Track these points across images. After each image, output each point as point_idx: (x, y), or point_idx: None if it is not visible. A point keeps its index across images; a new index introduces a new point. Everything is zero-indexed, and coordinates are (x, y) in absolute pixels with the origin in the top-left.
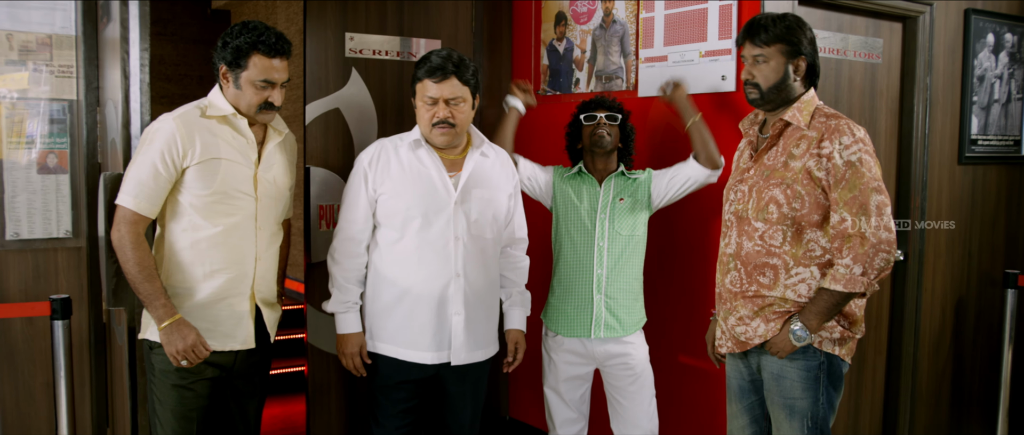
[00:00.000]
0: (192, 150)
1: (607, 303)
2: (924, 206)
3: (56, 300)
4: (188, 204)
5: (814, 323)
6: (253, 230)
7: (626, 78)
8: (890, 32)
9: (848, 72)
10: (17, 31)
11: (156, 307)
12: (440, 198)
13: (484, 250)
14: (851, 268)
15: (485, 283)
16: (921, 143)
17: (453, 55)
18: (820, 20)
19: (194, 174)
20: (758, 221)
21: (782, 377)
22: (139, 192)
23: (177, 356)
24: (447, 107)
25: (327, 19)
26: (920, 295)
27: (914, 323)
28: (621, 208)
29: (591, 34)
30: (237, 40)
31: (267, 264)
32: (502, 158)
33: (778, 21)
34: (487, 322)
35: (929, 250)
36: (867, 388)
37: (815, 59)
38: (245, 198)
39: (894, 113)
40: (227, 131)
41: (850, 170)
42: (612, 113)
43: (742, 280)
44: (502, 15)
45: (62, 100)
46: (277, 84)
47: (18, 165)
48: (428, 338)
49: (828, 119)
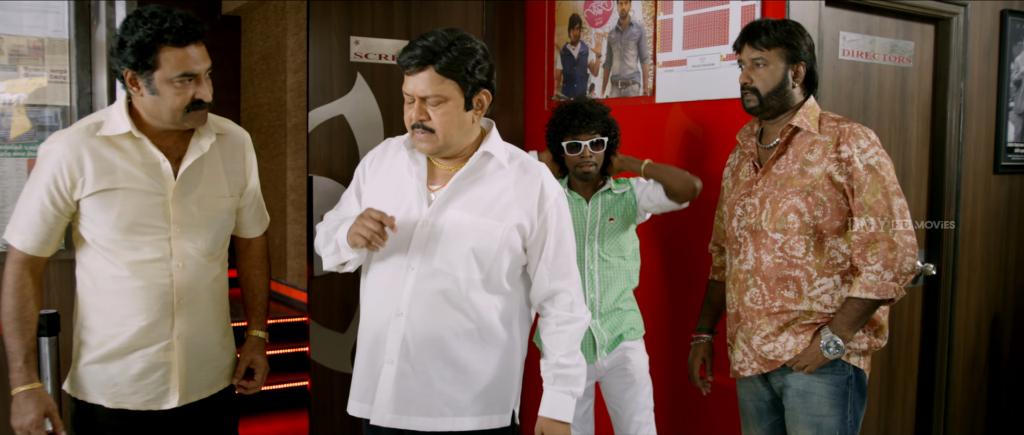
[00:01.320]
0: (82, 179)
1: (605, 324)
2: (958, 217)
3: (43, 315)
4: (90, 239)
5: (846, 333)
6: (167, 268)
7: (643, 83)
8: (922, 34)
9: (878, 77)
10: (7, 34)
11: (13, 368)
12: (406, 211)
13: (449, 292)
14: (882, 275)
15: (448, 334)
16: (955, 151)
17: (437, 38)
18: (847, 22)
19: (89, 206)
20: (776, 233)
21: (809, 393)
22: (27, 228)
23: (20, 430)
24: (423, 107)
25: (331, 22)
26: (953, 310)
27: (947, 340)
28: (611, 229)
29: (607, 37)
30: (135, 35)
31: (195, 307)
32: (526, 177)
33: (779, 25)
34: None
35: (963, 263)
36: (898, 408)
37: (814, 66)
38: (154, 232)
39: (926, 120)
40: (129, 152)
41: (871, 174)
42: (598, 139)
43: (764, 296)
44: (514, 18)
45: (54, 106)
46: (201, 75)
47: (8, 173)
48: (358, 383)
49: (838, 123)
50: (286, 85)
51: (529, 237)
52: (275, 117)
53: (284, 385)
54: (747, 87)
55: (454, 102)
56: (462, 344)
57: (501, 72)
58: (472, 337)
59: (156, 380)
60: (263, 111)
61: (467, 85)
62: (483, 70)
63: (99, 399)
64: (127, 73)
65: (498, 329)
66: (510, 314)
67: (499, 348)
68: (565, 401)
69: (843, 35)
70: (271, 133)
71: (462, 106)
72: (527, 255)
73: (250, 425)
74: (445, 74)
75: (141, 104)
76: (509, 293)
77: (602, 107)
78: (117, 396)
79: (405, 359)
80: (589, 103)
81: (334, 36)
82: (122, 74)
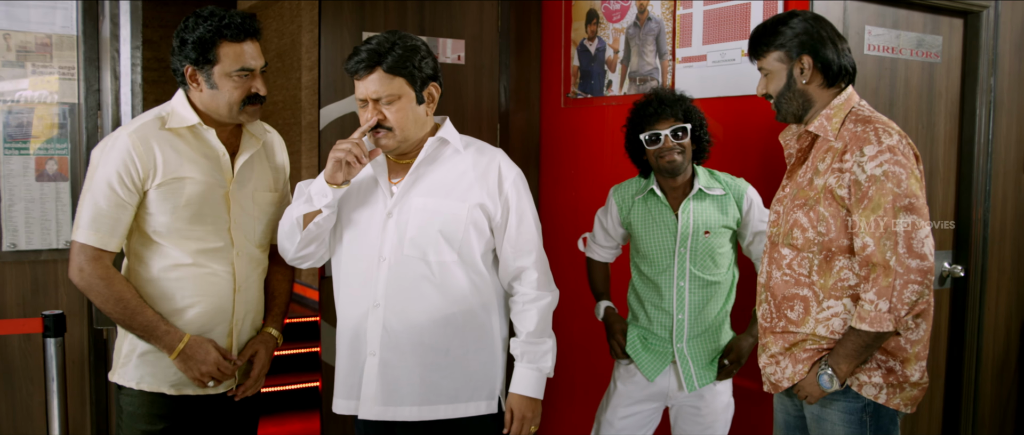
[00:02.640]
0: (153, 169)
1: (691, 353)
2: (987, 218)
3: (48, 316)
4: (151, 231)
5: (843, 367)
6: (229, 257)
7: (662, 79)
8: (950, 28)
9: (904, 72)
10: (15, 31)
11: (158, 337)
12: (372, 207)
13: (424, 278)
14: (876, 304)
15: (427, 320)
16: (984, 149)
17: (380, 40)
18: (873, 16)
19: (156, 196)
20: (785, 247)
21: (822, 419)
22: (98, 224)
23: (203, 380)
24: (378, 107)
25: (343, 18)
26: (982, 314)
27: (975, 345)
28: (706, 242)
29: (624, 33)
30: (196, 32)
31: (248, 295)
32: (483, 158)
33: (768, 27)
34: (428, 372)
35: (992, 266)
36: (924, 415)
37: (830, 55)
38: (217, 221)
39: (954, 117)
40: (192, 144)
41: (874, 186)
42: (680, 126)
43: (771, 314)
44: (530, 13)
45: (62, 103)
46: (256, 71)
47: (15, 172)
48: (341, 380)
49: (856, 125)
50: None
51: (494, 218)
52: (290, 115)
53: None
54: (768, 97)
55: (406, 98)
56: (442, 330)
57: (517, 69)
58: (451, 322)
59: None
60: (278, 109)
61: (416, 80)
62: (429, 64)
63: (162, 387)
64: (187, 69)
65: (478, 315)
66: (488, 301)
67: (479, 334)
68: (533, 377)
69: (868, 29)
70: (286, 131)
71: (414, 100)
72: (494, 238)
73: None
74: (393, 72)
75: (199, 99)
76: (486, 278)
77: (680, 95)
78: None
79: (387, 349)
80: (665, 90)
81: (346, 33)
82: (182, 70)
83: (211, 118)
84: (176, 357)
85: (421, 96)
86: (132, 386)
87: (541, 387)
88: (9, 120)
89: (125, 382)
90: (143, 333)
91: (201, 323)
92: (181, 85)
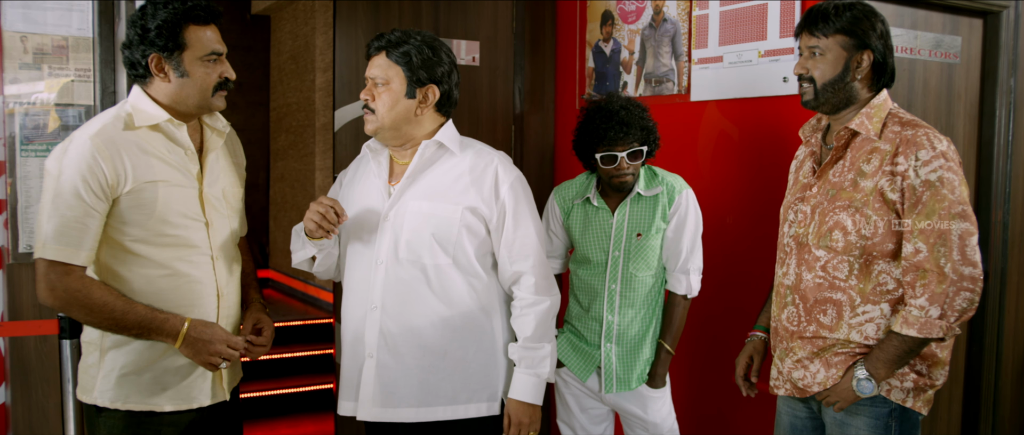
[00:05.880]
0: (123, 175)
1: (619, 354)
2: (1007, 220)
3: (64, 318)
4: (127, 242)
5: (882, 372)
6: (209, 261)
7: (677, 81)
8: (969, 29)
9: (922, 73)
10: (32, 33)
11: (157, 328)
12: (371, 210)
13: (420, 280)
14: (927, 310)
15: (424, 322)
16: (1003, 151)
17: (403, 33)
18: (892, 16)
19: (128, 204)
20: (820, 249)
21: (846, 425)
22: (65, 237)
23: (214, 362)
24: (372, 88)
25: (358, 19)
26: (1002, 317)
27: (995, 348)
28: (638, 244)
29: (640, 34)
30: (158, 18)
31: (230, 300)
32: (481, 161)
33: (843, 10)
34: (426, 374)
35: (1012, 268)
36: (942, 420)
37: (887, 57)
38: (193, 224)
39: (973, 118)
40: (159, 144)
41: (928, 191)
42: (636, 150)
43: (800, 318)
44: (545, 14)
45: (78, 105)
46: (223, 55)
47: (32, 174)
48: (344, 382)
49: (904, 128)
50: (315, 84)
51: (491, 222)
52: (304, 117)
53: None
54: (803, 78)
55: (397, 87)
56: (439, 332)
57: (531, 70)
58: (449, 325)
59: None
60: (292, 111)
61: (413, 74)
62: (436, 68)
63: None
64: (152, 59)
65: (477, 317)
66: (489, 304)
67: (479, 336)
68: (531, 383)
69: None
70: (300, 133)
71: (403, 93)
72: (492, 240)
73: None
74: (393, 60)
75: (165, 91)
76: (486, 281)
77: (639, 110)
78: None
79: (384, 351)
80: (624, 107)
81: (361, 34)
82: (145, 62)
83: (177, 112)
84: (181, 344)
85: (412, 91)
86: (118, 407)
87: (539, 392)
88: (26, 122)
89: (107, 402)
90: (139, 331)
91: None
92: (137, 79)
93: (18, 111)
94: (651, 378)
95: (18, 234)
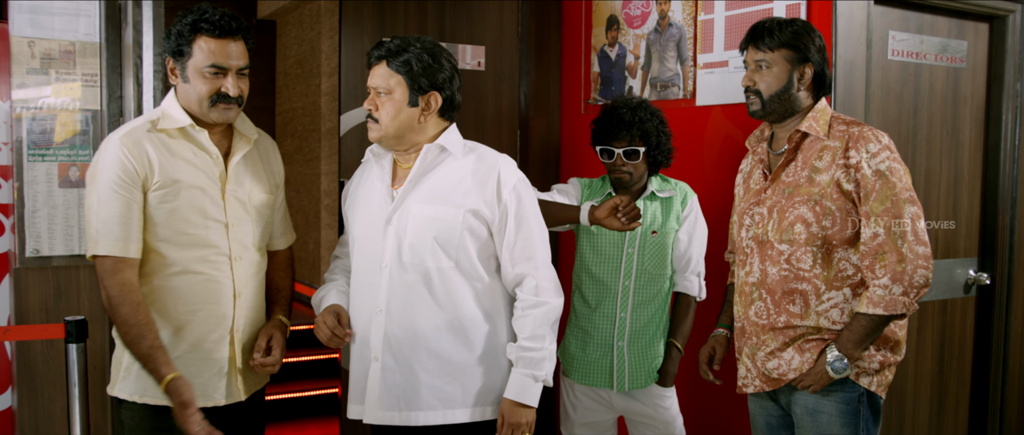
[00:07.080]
0: (149, 170)
1: (631, 351)
2: (1014, 225)
3: (70, 322)
4: (149, 238)
5: (853, 352)
6: (227, 262)
7: (683, 86)
8: (975, 33)
9: (928, 78)
10: (39, 38)
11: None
12: (375, 214)
13: (423, 284)
14: (890, 288)
15: (428, 326)
16: (1010, 156)
17: (403, 40)
18: (897, 21)
19: (154, 200)
20: (783, 243)
21: (818, 412)
22: (110, 230)
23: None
24: (375, 98)
25: (363, 23)
26: (1009, 323)
27: (1002, 354)
28: (653, 242)
29: (645, 39)
30: (177, 25)
31: (248, 300)
32: (483, 165)
33: (785, 26)
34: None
35: (1019, 273)
36: (949, 426)
37: (824, 68)
38: (214, 225)
39: (979, 123)
40: (185, 146)
41: (880, 180)
42: (633, 149)
43: (768, 310)
44: (550, 18)
45: (85, 110)
46: (232, 71)
47: (39, 178)
48: (351, 385)
49: (849, 126)
50: (321, 89)
51: (493, 224)
52: (310, 122)
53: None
54: (750, 90)
55: (399, 96)
56: (444, 336)
57: (536, 75)
58: (453, 328)
59: (213, 375)
60: (298, 116)
61: (414, 83)
62: (438, 75)
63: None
64: (168, 61)
65: (480, 321)
66: (493, 308)
67: (484, 340)
68: (528, 384)
69: (892, 34)
70: (306, 138)
71: (406, 101)
72: (495, 243)
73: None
74: (395, 69)
75: (181, 95)
76: (489, 285)
77: (645, 112)
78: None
79: (389, 354)
80: (628, 107)
81: (366, 37)
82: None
83: (200, 119)
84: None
85: (415, 99)
86: (135, 400)
87: (534, 394)
88: (33, 127)
89: (126, 395)
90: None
91: (201, 331)
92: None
93: (25, 116)
94: (662, 376)
95: (25, 239)
